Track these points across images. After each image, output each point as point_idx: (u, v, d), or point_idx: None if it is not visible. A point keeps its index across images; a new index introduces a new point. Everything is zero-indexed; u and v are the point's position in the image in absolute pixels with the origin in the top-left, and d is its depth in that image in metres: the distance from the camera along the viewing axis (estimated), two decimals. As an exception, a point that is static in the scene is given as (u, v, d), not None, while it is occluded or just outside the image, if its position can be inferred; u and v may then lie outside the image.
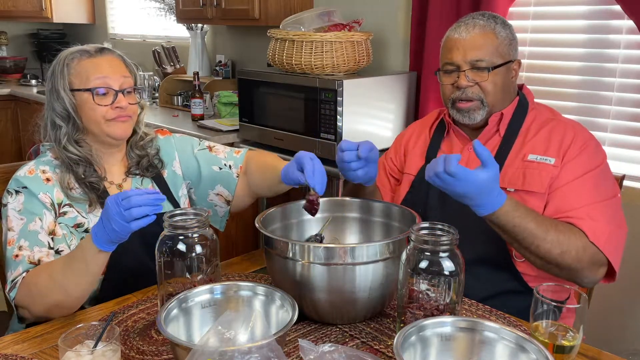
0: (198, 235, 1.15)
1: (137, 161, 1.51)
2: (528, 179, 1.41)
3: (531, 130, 1.48)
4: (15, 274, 1.26)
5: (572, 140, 1.41)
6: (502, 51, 1.47)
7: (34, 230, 1.31)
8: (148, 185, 1.52)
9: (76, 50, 1.43)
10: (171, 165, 1.58)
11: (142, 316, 1.26)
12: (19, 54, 4.98)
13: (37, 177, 1.37)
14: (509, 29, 1.50)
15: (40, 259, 1.28)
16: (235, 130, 2.89)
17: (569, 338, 1.02)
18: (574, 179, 1.37)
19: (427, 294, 1.04)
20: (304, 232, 1.42)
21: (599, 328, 2.11)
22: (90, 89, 1.38)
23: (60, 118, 1.41)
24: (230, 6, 3.09)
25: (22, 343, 1.16)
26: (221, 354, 0.83)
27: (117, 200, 1.09)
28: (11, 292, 1.26)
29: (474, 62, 1.45)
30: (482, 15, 1.50)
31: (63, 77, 1.40)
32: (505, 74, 1.48)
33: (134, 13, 4.58)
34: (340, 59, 2.43)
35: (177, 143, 1.62)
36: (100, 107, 1.38)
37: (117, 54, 1.47)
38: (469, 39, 1.46)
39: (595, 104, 2.17)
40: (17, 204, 1.34)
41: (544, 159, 1.41)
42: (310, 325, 1.22)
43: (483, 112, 1.48)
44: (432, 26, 2.41)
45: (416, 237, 1.04)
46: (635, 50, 2.05)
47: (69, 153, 1.39)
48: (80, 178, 1.39)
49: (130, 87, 1.44)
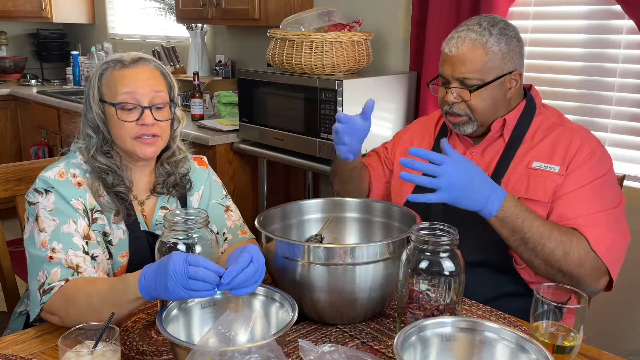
0: (198, 235, 1.15)
1: (164, 179, 1.43)
2: (532, 187, 1.39)
3: (537, 136, 1.45)
4: (52, 278, 1.20)
5: (579, 149, 1.39)
6: (492, 67, 1.42)
7: (67, 233, 1.25)
8: (173, 205, 1.45)
9: (111, 60, 1.37)
10: (193, 194, 1.49)
11: (142, 316, 1.26)
12: (18, 54, 4.97)
13: (68, 181, 1.31)
14: (504, 40, 1.42)
15: (78, 264, 1.22)
16: (235, 130, 2.89)
17: (569, 338, 1.02)
18: (579, 187, 1.36)
19: (427, 294, 1.04)
20: (304, 232, 1.42)
21: (599, 328, 2.11)
22: (116, 103, 1.32)
23: (91, 128, 1.36)
24: (230, 6, 3.09)
25: (22, 343, 1.16)
26: (221, 354, 0.83)
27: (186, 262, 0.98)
28: (44, 295, 1.19)
29: (460, 78, 1.43)
30: (479, 25, 1.43)
31: (94, 87, 1.35)
32: (496, 89, 1.44)
33: (134, 13, 4.57)
34: (340, 59, 2.43)
35: (209, 183, 1.52)
36: (125, 124, 1.32)
37: (154, 65, 1.38)
38: (457, 55, 1.42)
39: (595, 103, 2.17)
40: (48, 204, 1.27)
41: (549, 166, 1.39)
42: (310, 325, 1.22)
43: (472, 126, 1.47)
44: (432, 26, 2.41)
45: (416, 237, 1.04)
46: (635, 50, 2.05)
47: (97, 163, 1.34)
48: (109, 186, 1.34)
49: (163, 102, 1.35)
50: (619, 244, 1.34)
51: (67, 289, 1.18)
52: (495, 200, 1.25)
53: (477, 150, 1.52)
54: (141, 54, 1.39)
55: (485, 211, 1.26)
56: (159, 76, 1.37)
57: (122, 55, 1.36)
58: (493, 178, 1.41)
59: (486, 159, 1.49)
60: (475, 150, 1.52)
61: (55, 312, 1.19)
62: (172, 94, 1.40)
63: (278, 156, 2.68)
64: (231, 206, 1.53)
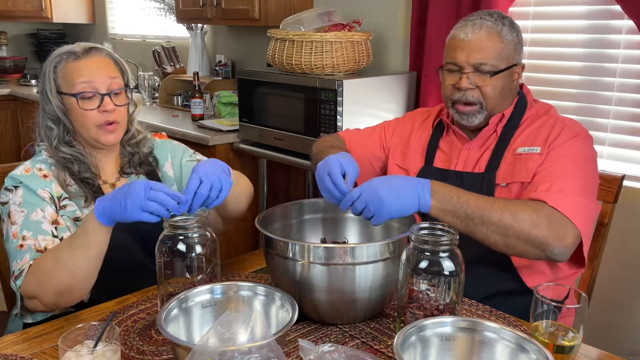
0: (198, 235, 1.15)
1: (129, 159, 1.51)
2: (517, 171, 1.41)
3: (522, 127, 1.48)
4: (22, 263, 1.26)
5: (561, 131, 1.41)
6: (506, 55, 1.45)
7: (36, 220, 1.31)
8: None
9: (64, 52, 1.42)
10: (164, 166, 1.58)
11: (142, 316, 1.26)
12: (19, 54, 4.97)
13: (34, 174, 1.37)
14: (515, 32, 1.47)
15: (46, 246, 1.27)
16: (235, 130, 2.89)
17: (569, 338, 1.02)
18: (555, 162, 1.37)
19: (427, 294, 1.04)
20: (304, 232, 1.42)
21: (599, 328, 2.11)
22: (75, 93, 1.37)
23: (51, 120, 1.42)
24: (230, 6, 3.09)
25: (22, 343, 1.16)
26: (221, 354, 0.83)
27: (147, 186, 1.11)
28: (17, 280, 1.25)
29: (477, 64, 1.43)
30: (490, 16, 1.47)
31: (50, 80, 1.40)
32: (507, 78, 1.46)
33: (134, 13, 4.57)
34: (340, 59, 2.43)
35: (172, 148, 1.61)
36: (88, 113, 1.38)
37: (106, 53, 1.45)
38: (474, 41, 1.43)
39: (595, 104, 2.17)
40: (17, 198, 1.34)
41: (531, 149, 1.41)
42: (310, 325, 1.22)
43: (481, 115, 1.47)
44: (432, 26, 2.41)
45: (416, 237, 1.04)
46: (635, 50, 2.05)
47: (61, 153, 1.40)
48: (75, 174, 1.40)
49: (120, 87, 1.42)
50: (584, 204, 1.29)
51: (35, 264, 1.24)
52: (424, 187, 1.24)
53: (473, 145, 1.52)
54: (90, 43, 1.45)
55: (423, 202, 1.23)
56: (112, 64, 1.43)
57: (72, 46, 1.42)
58: (488, 171, 1.45)
59: (480, 154, 1.51)
60: (471, 145, 1.52)
61: (31, 293, 1.23)
62: (125, 78, 1.46)
63: (278, 156, 2.68)
64: (202, 158, 1.60)
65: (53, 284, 1.20)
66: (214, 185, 1.16)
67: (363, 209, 1.21)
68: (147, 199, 1.10)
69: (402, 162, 1.64)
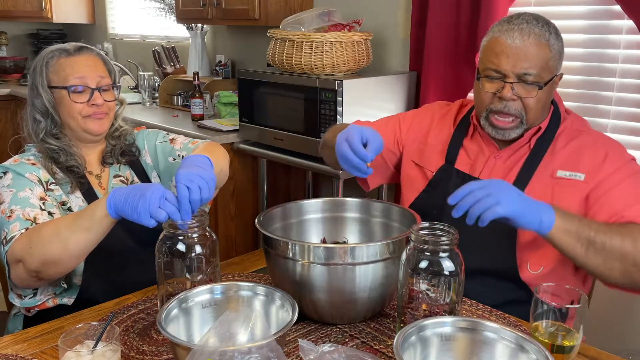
0: (198, 235, 1.15)
1: (111, 149, 1.56)
2: (557, 196, 1.34)
3: (559, 142, 1.40)
4: (11, 229, 1.28)
5: (605, 157, 1.34)
6: (551, 65, 1.35)
7: (24, 197, 1.35)
8: (126, 172, 1.57)
9: (56, 49, 1.49)
10: (143, 156, 1.63)
11: (142, 316, 1.26)
12: (19, 54, 4.97)
13: (22, 162, 1.43)
14: (561, 40, 1.37)
15: (35, 217, 1.31)
16: (235, 130, 2.89)
17: (569, 338, 1.02)
18: (617, 184, 1.30)
19: (427, 294, 1.04)
20: (304, 232, 1.42)
21: (599, 328, 2.11)
22: (67, 86, 1.43)
23: (40, 114, 1.46)
24: (230, 6, 3.09)
25: (22, 343, 1.16)
26: (221, 354, 0.83)
27: (162, 196, 1.12)
28: (6, 246, 1.27)
29: (521, 74, 1.32)
30: (537, 21, 1.35)
31: (42, 75, 1.46)
32: (549, 91, 1.38)
33: (134, 13, 4.57)
34: (340, 59, 2.43)
35: (146, 135, 1.66)
36: (77, 104, 1.44)
37: (96, 53, 1.51)
38: (522, 48, 1.31)
39: (595, 104, 2.17)
40: (5, 181, 1.38)
41: (574, 174, 1.34)
42: (310, 325, 1.22)
43: (520, 130, 1.38)
44: (432, 26, 2.40)
45: (416, 237, 1.04)
46: (635, 50, 2.05)
47: (47, 144, 1.45)
48: (61, 164, 1.45)
49: (108, 85, 1.48)
50: None
51: (33, 229, 1.27)
52: (546, 207, 1.17)
53: (501, 155, 1.44)
54: (81, 43, 1.52)
55: (547, 218, 1.17)
56: (102, 63, 1.51)
57: (64, 45, 1.50)
58: (516, 185, 1.33)
59: (509, 166, 1.43)
60: (499, 155, 1.44)
61: (17, 256, 1.24)
62: (113, 78, 1.53)
63: (278, 156, 2.68)
64: (176, 137, 1.64)
65: (43, 251, 1.22)
66: (202, 186, 1.16)
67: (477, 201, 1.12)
68: (158, 207, 1.11)
69: (420, 159, 1.56)
